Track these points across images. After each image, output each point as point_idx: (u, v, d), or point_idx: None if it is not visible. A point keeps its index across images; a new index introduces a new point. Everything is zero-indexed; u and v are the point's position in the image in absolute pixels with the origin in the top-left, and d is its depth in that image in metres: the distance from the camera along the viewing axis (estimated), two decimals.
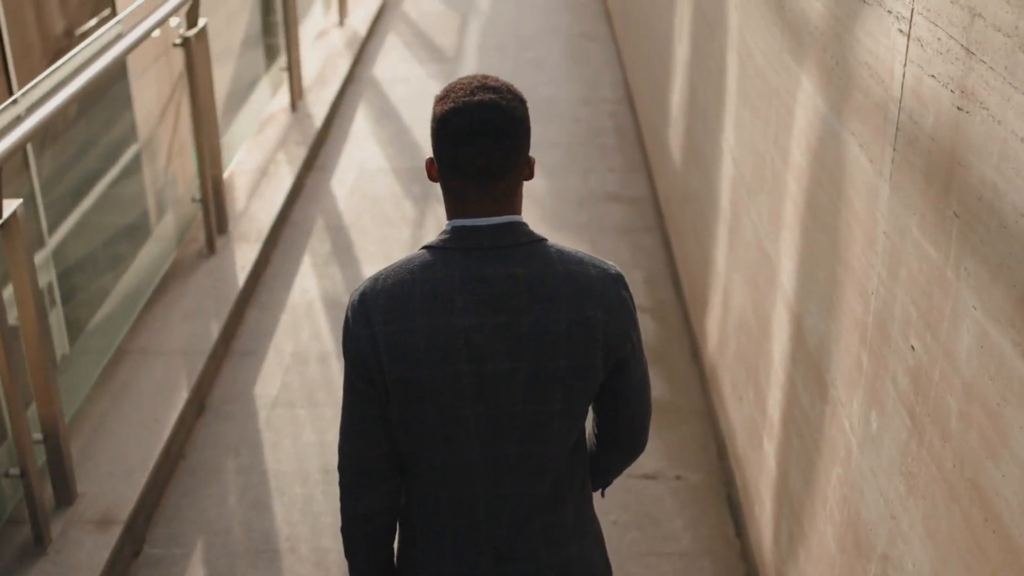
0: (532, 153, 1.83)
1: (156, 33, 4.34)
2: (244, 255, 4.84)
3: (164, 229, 4.82)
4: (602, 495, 2.17)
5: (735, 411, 3.46)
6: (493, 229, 1.76)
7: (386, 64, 7.81)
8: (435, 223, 5.45)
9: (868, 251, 2.09)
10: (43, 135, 4.02)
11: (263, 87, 6.53)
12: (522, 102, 1.76)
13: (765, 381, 3.01)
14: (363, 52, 7.99)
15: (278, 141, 6.10)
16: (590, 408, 1.94)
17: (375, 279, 1.80)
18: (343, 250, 5.18)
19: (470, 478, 1.84)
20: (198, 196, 4.74)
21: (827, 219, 2.38)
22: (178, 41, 4.50)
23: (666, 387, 4.18)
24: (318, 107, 6.63)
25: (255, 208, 5.30)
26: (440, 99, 1.75)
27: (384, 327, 1.76)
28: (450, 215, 1.80)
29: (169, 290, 4.52)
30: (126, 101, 5.47)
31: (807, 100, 2.55)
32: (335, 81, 7.09)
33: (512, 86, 1.77)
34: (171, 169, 5.14)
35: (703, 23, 4.06)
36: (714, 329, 3.85)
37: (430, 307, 1.74)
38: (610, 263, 1.85)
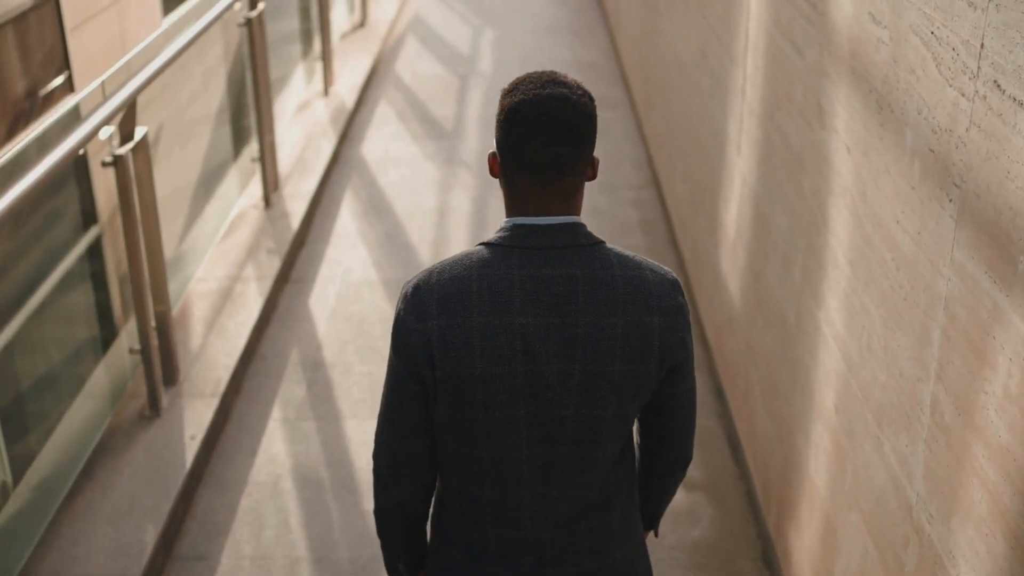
0: None
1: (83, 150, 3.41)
2: (196, 416, 3.89)
3: (95, 386, 3.87)
4: (655, 534, 2.15)
5: None
6: (553, 229, 1.73)
7: (376, 142, 6.88)
8: None
9: None
10: None
11: (231, 181, 5.59)
12: (591, 99, 1.74)
13: None
14: (350, 127, 7.06)
15: (247, 249, 5.16)
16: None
17: (430, 272, 1.77)
18: (321, 397, 4.23)
19: (517, 479, 1.80)
20: (137, 345, 3.80)
21: None
22: (108, 159, 3.56)
23: None
24: (296, 202, 5.70)
25: (214, 346, 4.35)
26: (508, 92, 1.72)
27: (439, 321, 1.72)
28: (509, 212, 1.77)
29: (96, 474, 3.56)
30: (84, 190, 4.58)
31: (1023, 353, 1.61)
32: (317, 167, 6.16)
33: (581, 83, 1.74)
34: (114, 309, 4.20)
35: (781, 145, 3.13)
36: (804, 555, 2.89)
37: (488, 304, 1.71)
38: (666, 268, 1.81)
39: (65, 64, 7.27)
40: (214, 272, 4.92)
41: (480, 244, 1.76)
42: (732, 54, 3.86)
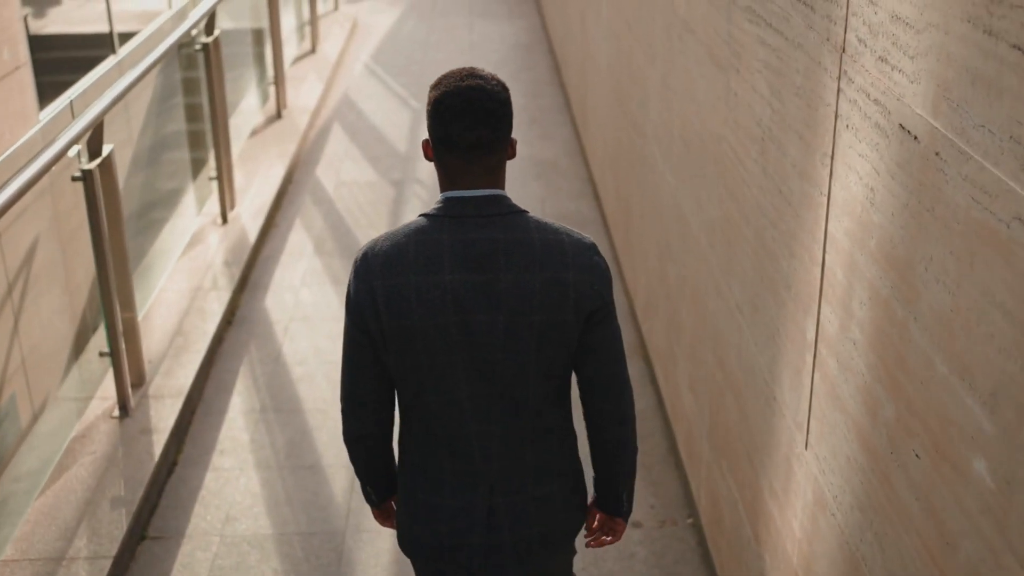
0: None
1: None
2: None
3: None
4: (624, 519, 2.31)
5: None
6: (479, 200, 2.02)
7: (284, 289, 5.41)
8: None
9: None
10: None
11: (71, 383, 4.11)
12: (505, 88, 2.03)
13: None
14: (252, 268, 5.58)
15: (86, 493, 3.67)
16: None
17: (375, 241, 2.07)
18: None
19: (461, 417, 2.08)
20: None
21: None
22: None
23: None
24: (163, 409, 4.21)
25: None
26: (434, 86, 2.02)
27: (382, 281, 2.02)
28: (443, 188, 2.06)
29: None
30: None
31: None
32: (199, 343, 4.67)
33: (496, 76, 2.04)
34: None
35: (914, 508, 1.72)
36: None
37: (422, 265, 2.00)
38: (585, 235, 2.09)
39: None
40: (35, 542, 3.42)
41: (420, 215, 2.06)
42: (791, 284, 2.46)
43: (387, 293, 2.00)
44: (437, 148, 2.03)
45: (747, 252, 2.85)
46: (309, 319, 5.10)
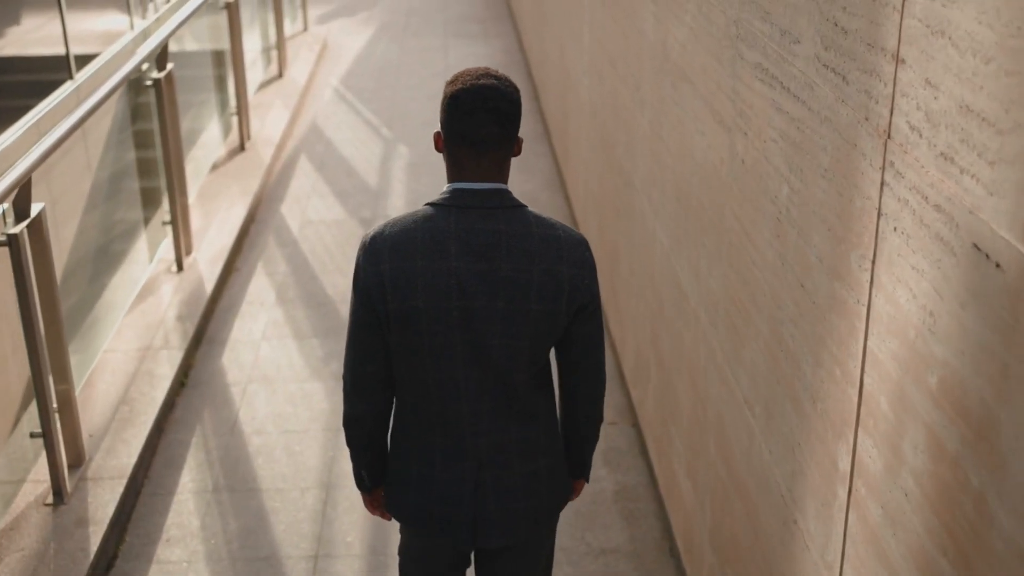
0: None
1: None
2: None
3: None
4: (587, 480, 2.53)
5: None
6: (484, 192, 2.15)
7: (242, 345, 4.99)
8: None
9: None
10: None
11: (1, 461, 3.70)
12: (517, 89, 2.17)
13: None
14: (208, 321, 5.17)
15: None
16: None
17: (384, 226, 2.19)
18: None
19: (457, 396, 2.21)
20: None
21: None
22: None
23: None
24: (104, 490, 3.78)
25: None
26: (450, 82, 2.15)
27: (390, 264, 2.14)
28: (450, 179, 2.19)
29: None
30: None
31: None
32: (146, 408, 4.25)
33: (509, 77, 2.17)
34: None
35: None
36: None
37: (429, 251, 2.12)
38: (577, 231, 2.21)
39: None
40: None
41: (426, 204, 2.18)
42: (817, 399, 2.08)
43: (394, 276, 2.12)
44: (449, 140, 2.14)
45: (759, 345, 2.48)
46: (269, 380, 4.69)
